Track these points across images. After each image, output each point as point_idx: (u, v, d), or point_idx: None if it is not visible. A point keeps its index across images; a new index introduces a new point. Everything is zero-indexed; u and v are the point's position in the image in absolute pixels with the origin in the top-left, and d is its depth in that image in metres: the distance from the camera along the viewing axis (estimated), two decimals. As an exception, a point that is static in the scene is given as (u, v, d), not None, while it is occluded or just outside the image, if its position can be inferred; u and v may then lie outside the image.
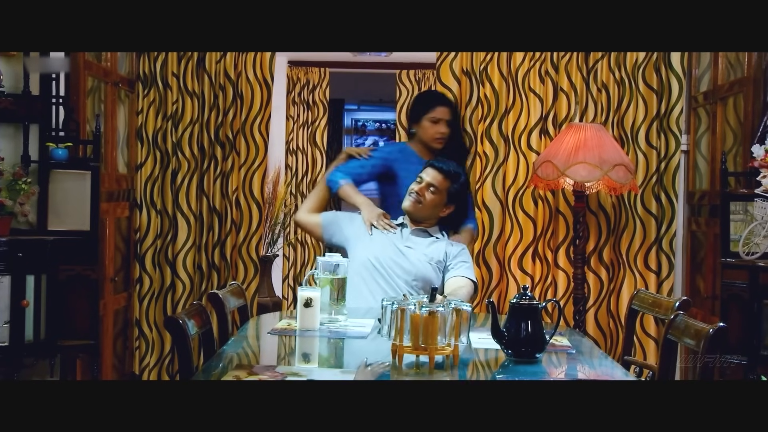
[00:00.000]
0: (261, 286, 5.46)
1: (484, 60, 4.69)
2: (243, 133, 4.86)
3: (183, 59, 4.84)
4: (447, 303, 2.53)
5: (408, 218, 3.93)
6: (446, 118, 4.32)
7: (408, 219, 3.93)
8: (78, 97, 4.19)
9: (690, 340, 2.63)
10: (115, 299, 4.66)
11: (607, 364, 2.73)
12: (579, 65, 4.67)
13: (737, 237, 4.09)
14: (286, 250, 6.87)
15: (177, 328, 2.51)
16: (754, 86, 4.26)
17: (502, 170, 4.68)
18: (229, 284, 3.48)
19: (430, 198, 3.86)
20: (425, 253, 3.78)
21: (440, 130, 4.29)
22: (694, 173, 4.86)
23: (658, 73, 4.61)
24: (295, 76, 7.05)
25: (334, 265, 3.18)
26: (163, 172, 4.87)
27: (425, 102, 4.40)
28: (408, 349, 2.49)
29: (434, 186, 3.86)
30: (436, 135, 4.28)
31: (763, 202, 4.01)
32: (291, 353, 2.89)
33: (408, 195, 3.89)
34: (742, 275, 3.98)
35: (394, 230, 3.85)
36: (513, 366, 2.59)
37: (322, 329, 3.01)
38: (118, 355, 4.79)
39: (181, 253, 4.85)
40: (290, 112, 7.01)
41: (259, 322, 3.36)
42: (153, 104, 4.86)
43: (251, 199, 4.87)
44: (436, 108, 4.31)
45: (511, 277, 4.66)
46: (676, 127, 4.59)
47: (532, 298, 2.66)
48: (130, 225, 4.90)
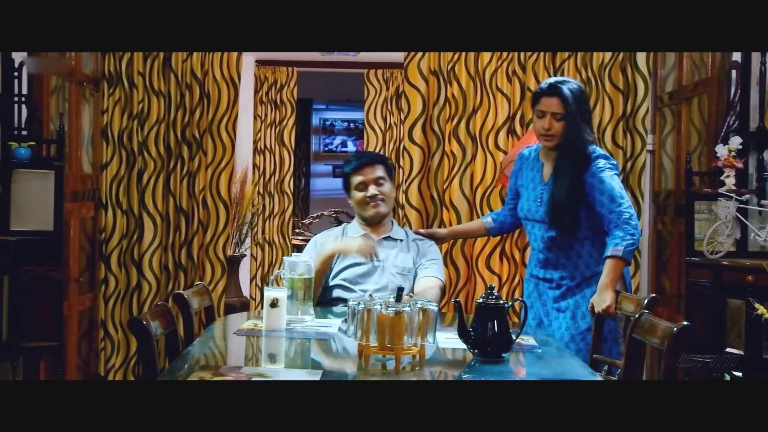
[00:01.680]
0: (228, 287, 5.43)
1: (452, 60, 4.70)
2: (210, 132, 4.83)
3: (149, 58, 4.80)
4: (413, 303, 2.53)
5: (369, 228, 3.81)
6: (554, 110, 3.44)
7: (369, 229, 3.81)
8: (41, 95, 4.13)
9: (655, 339, 2.64)
10: (80, 300, 4.61)
11: (573, 363, 2.74)
12: (546, 65, 4.69)
13: (702, 236, 4.13)
14: (253, 250, 6.83)
15: (141, 329, 2.48)
16: (718, 87, 4.31)
17: (469, 170, 4.69)
18: (195, 285, 3.46)
19: (388, 191, 3.80)
20: (395, 264, 3.72)
21: (544, 125, 3.45)
22: (659, 173, 4.90)
23: (624, 73, 4.64)
24: (263, 75, 7.01)
25: (300, 265, 3.17)
26: (128, 171, 4.83)
27: (534, 94, 3.60)
28: (374, 349, 2.49)
29: (383, 178, 3.79)
30: (540, 131, 3.49)
31: (726, 201, 4.05)
32: (257, 354, 2.87)
33: (366, 204, 3.75)
34: (706, 274, 4.02)
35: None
36: (479, 366, 2.60)
37: (289, 329, 2.99)
38: (83, 356, 4.74)
39: (147, 254, 4.81)
40: (258, 112, 6.97)
41: (225, 322, 3.34)
42: (118, 103, 4.81)
43: (218, 199, 4.84)
44: (541, 99, 3.49)
45: (479, 277, 4.67)
46: (642, 127, 4.62)
47: (498, 298, 2.67)
48: (95, 225, 4.85)
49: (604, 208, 3.35)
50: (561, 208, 3.41)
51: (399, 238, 3.81)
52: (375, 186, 3.76)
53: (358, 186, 3.78)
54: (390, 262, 3.71)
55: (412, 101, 4.73)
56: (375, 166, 3.79)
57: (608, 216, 3.34)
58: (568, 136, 3.41)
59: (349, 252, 3.66)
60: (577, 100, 3.42)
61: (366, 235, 3.77)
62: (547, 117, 3.43)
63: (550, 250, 3.51)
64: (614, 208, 3.33)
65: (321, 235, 3.94)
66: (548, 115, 3.43)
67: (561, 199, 3.41)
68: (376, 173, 3.77)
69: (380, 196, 3.76)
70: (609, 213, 3.34)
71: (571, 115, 3.40)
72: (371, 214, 3.77)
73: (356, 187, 3.79)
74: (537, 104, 3.48)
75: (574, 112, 3.40)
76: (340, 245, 3.71)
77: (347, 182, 3.84)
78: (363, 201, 3.77)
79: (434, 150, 4.74)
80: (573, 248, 3.48)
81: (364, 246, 3.64)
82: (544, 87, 3.49)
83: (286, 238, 7.08)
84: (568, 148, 3.43)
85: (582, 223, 3.44)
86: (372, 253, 3.66)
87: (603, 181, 3.37)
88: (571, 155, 3.42)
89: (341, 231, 3.89)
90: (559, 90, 3.41)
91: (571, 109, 3.40)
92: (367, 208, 3.76)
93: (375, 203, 3.75)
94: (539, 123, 3.47)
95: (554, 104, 3.42)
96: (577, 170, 3.41)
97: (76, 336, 4.58)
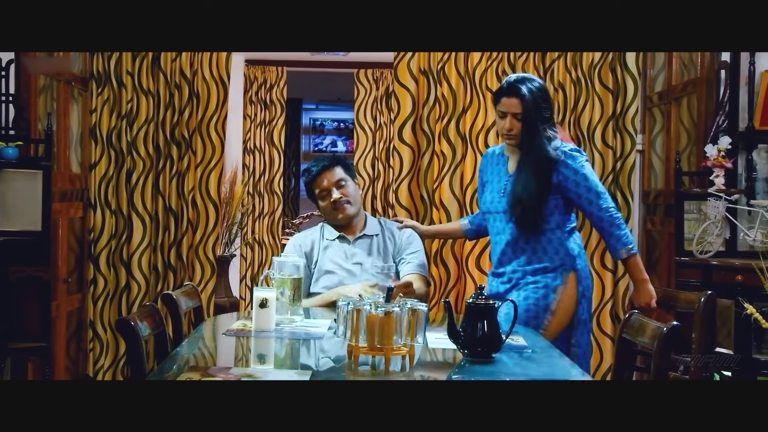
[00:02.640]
0: (218, 287, 5.41)
1: (442, 59, 4.69)
2: (199, 132, 4.81)
3: (138, 57, 4.78)
4: (403, 303, 2.52)
5: (342, 230, 3.75)
6: (514, 111, 3.39)
7: (343, 230, 3.75)
8: (29, 95, 4.11)
9: (645, 339, 2.64)
10: (68, 300, 4.59)
11: (563, 363, 2.74)
12: (536, 65, 4.69)
13: (691, 236, 4.14)
14: (243, 250, 6.81)
15: (128, 330, 2.47)
16: (707, 86, 4.32)
17: (459, 169, 4.68)
18: (183, 285, 3.44)
19: (352, 190, 3.74)
20: (375, 264, 3.67)
21: (506, 125, 3.41)
22: (649, 173, 4.91)
23: (614, 73, 4.64)
24: (252, 74, 6.99)
25: (289, 265, 3.15)
26: (117, 171, 4.81)
27: (495, 94, 3.57)
28: (364, 349, 2.48)
29: (343, 179, 3.72)
30: (502, 131, 3.48)
31: (716, 201, 4.06)
32: (246, 355, 2.86)
33: (333, 210, 3.70)
34: (696, 274, 4.03)
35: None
36: (469, 366, 2.59)
37: (278, 330, 2.98)
38: (72, 357, 4.72)
39: (136, 254, 4.79)
40: (247, 111, 6.95)
41: (215, 323, 3.33)
42: (107, 103, 4.79)
43: (208, 199, 4.82)
44: (501, 99, 3.45)
45: (469, 277, 4.66)
46: (632, 127, 4.62)
47: (488, 298, 2.66)
48: (84, 225, 4.83)
49: (593, 206, 3.34)
50: (522, 202, 3.36)
51: (374, 234, 3.75)
52: (337, 189, 3.70)
53: (321, 194, 3.73)
54: (369, 264, 3.67)
55: (402, 101, 4.72)
56: (333, 170, 3.72)
57: (597, 213, 3.34)
58: (525, 137, 3.38)
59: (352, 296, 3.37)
60: (535, 99, 3.37)
61: (342, 237, 3.71)
62: (507, 117, 3.39)
63: (509, 245, 3.45)
64: (603, 205, 3.34)
65: (299, 236, 3.86)
66: (509, 115, 3.39)
67: (522, 192, 3.36)
68: (335, 176, 3.71)
69: (344, 199, 3.69)
70: (598, 211, 3.33)
71: (528, 116, 3.36)
72: (340, 218, 3.71)
73: (319, 196, 3.74)
74: (498, 104, 3.44)
75: (532, 113, 3.35)
76: (342, 291, 3.47)
77: (311, 192, 3.78)
78: (329, 208, 3.71)
79: (424, 150, 4.73)
80: (535, 242, 3.41)
81: (367, 288, 3.46)
82: (504, 86, 3.44)
83: (275, 238, 7.07)
84: (527, 148, 3.41)
85: (548, 219, 3.40)
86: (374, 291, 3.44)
87: (587, 178, 3.36)
88: (533, 154, 3.39)
89: (319, 233, 3.79)
90: (517, 90, 3.37)
91: (529, 110, 3.35)
92: (335, 213, 3.71)
93: (341, 207, 3.69)
94: (501, 123, 3.43)
95: (514, 104, 3.37)
96: (541, 167, 3.36)
97: (64, 337, 4.55)
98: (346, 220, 3.72)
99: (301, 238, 3.81)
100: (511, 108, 3.38)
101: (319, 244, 3.74)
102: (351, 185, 3.75)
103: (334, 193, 3.68)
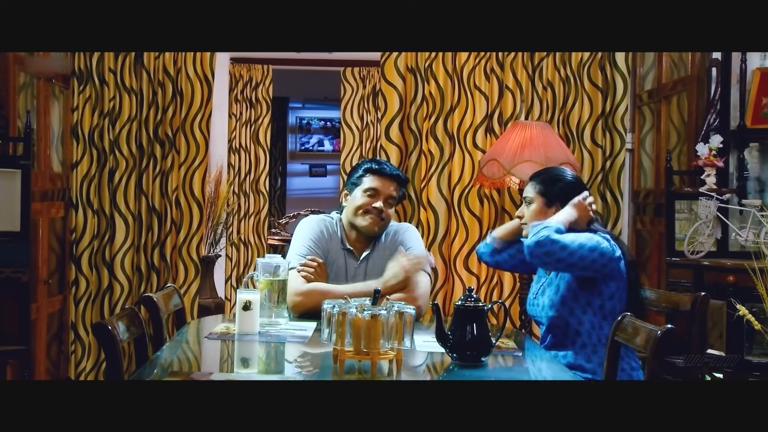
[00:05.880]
0: (203, 288, 5.34)
1: (429, 57, 4.64)
2: (183, 131, 4.74)
3: (120, 55, 4.71)
4: (390, 306, 2.45)
5: (355, 241, 3.43)
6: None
7: (353, 242, 3.43)
8: (7, 92, 4.03)
9: (638, 342, 2.59)
10: (49, 302, 4.51)
11: (554, 367, 2.68)
12: (524, 63, 4.64)
13: (682, 236, 4.09)
14: (228, 251, 6.74)
15: (105, 334, 2.39)
16: (698, 85, 4.28)
17: (447, 169, 4.63)
18: (165, 287, 3.37)
19: (391, 213, 3.43)
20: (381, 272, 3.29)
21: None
22: (638, 172, 4.86)
23: (603, 71, 4.59)
24: (238, 73, 6.92)
25: (273, 266, 3.07)
26: (99, 170, 4.73)
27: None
28: (349, 353, 2.41)
29: (395, 199, 3.43)
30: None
31: (707, 200, 4.02)
32: (229, 359, 2.78)
33: (366, 213, 3.35)
34: (687, 274, 3.99)
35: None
36: (458, 370, 2.53)
37: (262, 333, 2.91)
38: (53, 359, 4.64)
39: (118, 254, 4.71)
40: (232, 110, 6.88)
41: (198, 325, 3.25)
42: (89, 101, 4.72)
43: (192, 199, 4.75)
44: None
45: (457, 278, 4.61)
46: (621, 126, 4.58)
47: (477, 300, 2.59)
48: (65, 225, 4.75)
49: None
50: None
51: (378, 242, 3.43)
52: (384, 201, 3.36)
53: (369, 190, 3.36)
54: (375, 276, 3.31)
55: (389, 99, 4.66)
56: (398, 186, 3.40)
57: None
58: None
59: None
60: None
61: (350, 252, 3.41)
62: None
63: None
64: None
65: (321, 226, 3.44)
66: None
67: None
68: (394, 192, 3.38)
69: (384, 215, 3.36)
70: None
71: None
72: (365, 225, 3.36)
73: (366, 191, 3.37)
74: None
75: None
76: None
77: (357, 179, 3.41)
78: (365, 208, 3.36)
79: (411, 149, 4.68)
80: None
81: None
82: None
83: (261, 238, 7.00)
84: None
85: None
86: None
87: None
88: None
89: (338, 234, 3.44)
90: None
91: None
92: (365, 218, 3.36)
93: (376, 219, 3.35)
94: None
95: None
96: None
97: (45, 339, 4.47)
98: (368, 232, 3.40)
99: (324, 235, 3.43)
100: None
101: (334, 250, 3.42)
102: (392, 211, 3.45)
103: (380, 203, 3.35)
